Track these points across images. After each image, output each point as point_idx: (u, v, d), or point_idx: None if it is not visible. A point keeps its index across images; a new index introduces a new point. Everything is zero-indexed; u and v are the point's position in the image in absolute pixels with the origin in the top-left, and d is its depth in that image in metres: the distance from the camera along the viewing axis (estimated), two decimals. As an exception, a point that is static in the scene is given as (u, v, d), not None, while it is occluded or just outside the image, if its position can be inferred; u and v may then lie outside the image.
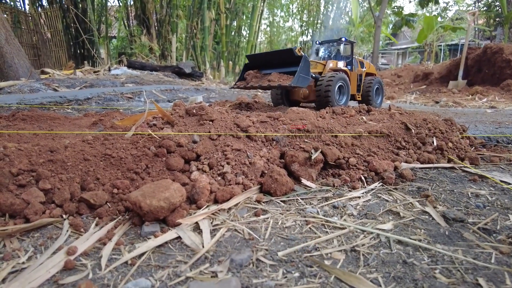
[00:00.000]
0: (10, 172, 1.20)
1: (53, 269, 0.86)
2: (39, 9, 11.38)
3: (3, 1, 10.38)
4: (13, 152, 1.28)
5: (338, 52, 4.31)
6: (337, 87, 3.45)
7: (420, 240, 1.02)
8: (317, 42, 4.50)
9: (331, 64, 3.80)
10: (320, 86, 3.35)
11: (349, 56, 4.13)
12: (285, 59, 3.33)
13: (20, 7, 11.21)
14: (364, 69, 4.26)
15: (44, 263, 0.87)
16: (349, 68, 3.99)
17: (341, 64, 3.88)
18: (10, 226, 1.04)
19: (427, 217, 1.19)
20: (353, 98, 4.07)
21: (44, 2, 11.35)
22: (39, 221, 1.07)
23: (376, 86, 4.24)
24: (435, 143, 1.82)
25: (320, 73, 3.68)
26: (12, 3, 10.94)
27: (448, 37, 17.01)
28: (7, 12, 9.90)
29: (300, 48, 3.55)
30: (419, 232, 1.08)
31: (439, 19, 14.66)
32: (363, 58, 4.51)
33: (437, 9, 19.86)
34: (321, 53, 4.49)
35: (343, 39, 4.08)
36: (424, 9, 14.62)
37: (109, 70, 9.13)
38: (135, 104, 5.21)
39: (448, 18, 18.49)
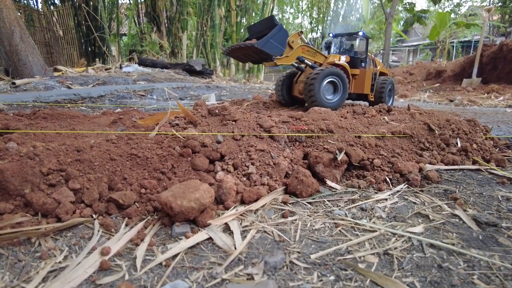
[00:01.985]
0: (41, 172, 1.21)
1: (89, 269, 0.87)
2: (52, 7, 11.50)
3: (17, -1, 10.50)
4: (42, 152, 1.29)
5: (352, 47, 3.99)
6: (325, 83, 3.12)
7: (453, 244, 1.01)
8: (331, 35, 4.16)
9: (332, 57, 3.53)
10: (307, 80, 3.13)
11: (363, 52, 3.85)
12: (272, 28, 3.12)
13: (33, 5, 11.35)
14: (378, 67, 4.05)
15: (81, 263, 0.88)
16: (363, 66, 3.76)
17: (343, 59, 3.59)
18: (44, 225, 1.06)
19: (457, 220, 1.17)
20: (365, 98, 3.87)
21: (57, 0, 11.47)
22: (71, 221, 1.08)
23: (389, 87, 4.04)
24: (459, 144, 1.79)
25: (320, 64, 3.45)
26: (25, 2, 11.08)
27: (460, 34, 16.72)
28: (21, 11, 10.03)
29: (301, 32, 3.37)
30: (451, 236, 1.07)
31: (452, 15, 14.43)
32: (374, 56, 4.25)
33: (450, 5, 19.56)
34: (332, 48, 4.12)
35: (361, 33, 3.79)
36: (437, 5, 14.39)
37: (121, 67, 9.19)
38: (148, 101, 5.25)
39: (461, 14, 18.17)
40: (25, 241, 0.99)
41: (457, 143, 1.81)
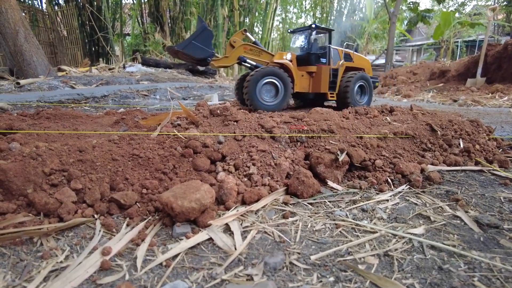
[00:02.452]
0: (43, 172, 1.22)
1: (90, 269, 0.88)
2: (56, 7, 11.56)
3: (22, 0, 10.57)
4: (44, 152, 1.30)
5: (315, 41, 3.68)
6: (262, 84, 2.93)
7: (454, 246, 1.00)
8: (289, 31, 3.99)
9: (278, 55, 3.31)
10: (245, 82, 2.96)
11: (325, 47, 3.53)
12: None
13: (37, 6, 11.42)
14: (346, 62, 3.62)
15: (82, 263, 0.89)
16: (323, 62, 3.43)
17: (288, 57, 3.35)
18: (46, 225, 1.07)
19: (458, 221, 1.17)
20: (325, 97, 3.47)
21: (61, 1, 11.53)
22: (73, 221, 1.09)
23: (359, 83, 3.55)
24: (461, 145, 1.78)
25: (267, 64, 3.24)
26: (30, 2, 11.15)
27: (465, 33, 16.59)
28: (25, 11, 10.10)
29: (245, 30, 3.22)
30: (452, 237, 1.06)
31: (456, 14, 14.34)
32: (347, 49, 3.88)
33: (454, 4, 19.42)
34: (297, 44, 3.91)
35: (313, 25, 3.52)
36: (441, 5, 14.29)
37: (124, 67, 9.23)
38: (151, 101, 5.26)
39: (466, 14, 18.04)
40: (27, 240, 1.00)
41: (459, 144, 1.80)
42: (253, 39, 3.34)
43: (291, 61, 3.35)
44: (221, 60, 3.07)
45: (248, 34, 3.23)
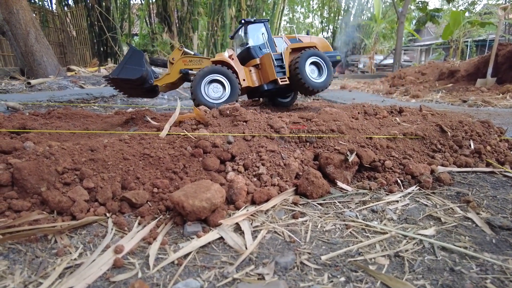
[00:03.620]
0: (56, 170, 1.24)
1: (104, 266, 0.89)
2: (66, 8, 11.70)
3: (33, 1, 10.72)
4: (57, 151, 1.33)
5: (256, 36, 3.62)
6: (207, 82, 2.92)
7: (466, 248, 1.00)
8: (230, 37, 3.98)
9: (217, 56, 3.29)
10: (190, 87, 2.96)
11: (268, 39, 3.47)
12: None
13: (48, 7, 11.57)
14: (292, 44, 3.50)
15: (95, 261, 0.90)
16: (265, 52, 3.38)
17: (225, 54, 3.31)
18: (59, 223, 1.09)
19: (470, 223, 1.16)
20: (277, 83, 3.31)
21: (70, 1, 11.66)
22: (86, 219, 1.11)
23: (312, 60, 3.31)
24: (472, 146, 1.77)
25: None
26: (40, 3, 11.30)
27: (475, 33, 16.38)
28: (36, 12, 10.23)
29: (181, 45, 3.19)
30: (463, 239, 1.06)
31: (466, 14, 14.16)
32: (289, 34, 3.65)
33: (464, 3, 19.20)
34: (238, 42, 3.88)
35: (243, 21, 3.49)
36: (450, 4, 14.14)
37: (132, 67, 9.28)
38: (159, 101, 5.31)
39: (476, 13, 17.82)
40: (41, 238, 1.02)
41: (470, 145, 1.78)
42: (193, 52, 3.30)
43: (230, 57, 3.31)
44: (164, 78, 3.04)
45: (185, 49, 3.18)
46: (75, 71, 7.91)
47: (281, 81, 3.27)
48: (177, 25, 11.49)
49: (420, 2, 13.22)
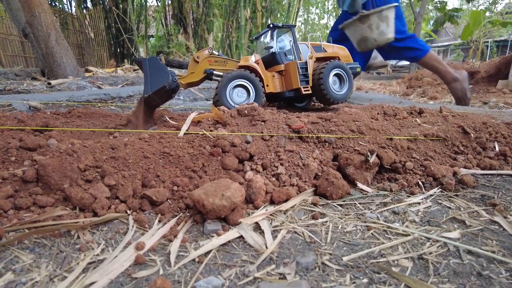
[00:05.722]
0: (78, 168, 1.27)
1: (125, 262, 0.90)
2: (84, 10, 11.99)
3: (53, 4, 11.01)
4: (79, 149, 1.35)
5: (282, 41, 3.58)
6: (233, 87, 2.89)
7: (494, 252, 0.96)
8: (254, 37, 3.88)
9: (243, 60, 3.22)
10: (216, 89, 2.90)
11: (294, 45, 3.39)
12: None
13: (67, 9, 11.87)
14: (317, 53, 3.45)
15: (117, 257, 0.91)
16: (291, 59, 3.33)
17: (252, 59, 3.26)
18: (81, 218, 1.11)
19: (497, 227, 1.12)
20: (300, 92, 3.29)
21: (89, 4, 11.94)
22: (107, 216, 1.12)
23: (335, 72, 3.32)
24: (497, 148, 1.71)
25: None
26: (60, 6, 11.60)
27: (496, 33, 15.93)
28: (56, 14, 10.52)
29: (211, 48, 3.15)
30: (490, 243, 1.02)
31: (487, 13, 13.79)
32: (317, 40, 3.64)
33: (484, 2, 18.71)
34: (262, 46, 3.81)
35: (271, 25, 3.41)
36: (470, 3, 13.80)
37: (148, 68, 9.41)
38: (175, 102, 5.36)
39: (497, 12, 17.35)
40: (65, 233, 1.04)
41: (494, 147, 1.73)
42: (217, 53, 3.29)
43: (256, 62, 3.27)
44: (187, 77, 3.04)
45: (214, 51, 3.16)
46: (92, 72, 8.07)
47: (304, 90, 3.26)
48: (193, 26, 11.61)
49: (438, 2, 12.95)
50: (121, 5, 11.20)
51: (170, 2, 11.86)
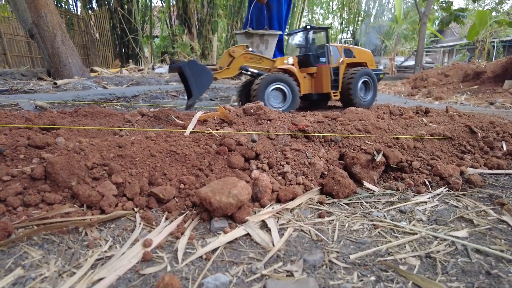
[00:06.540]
0: (86, 166, 1.28)
1: (133, 259, 0.90)
2: (90, 11, 12.07)
3: (59, 4, 11.10)
4: (87, 147, 1.36)
5: (314, 42, 3.65)
6: (270, 91, 2.90)
7: (502, 251, 0.96)
8: (286, 34, 3.95)
9: (279, 61, 3.27)
10: (251, 91, 2.93)
11: (323, 46, 3.45)
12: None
13: (73, 10, 11.96)
14: (347, 58, 3.52)
15: (125, 254, 0.92)
16: (322, 61, 3.37)
17: (290, 61, 3.30)
18: (89, 216, 1.11)
19: (505, 226, 1.11)
20: (328, 97, 3.42)
21: (94, 5, 12.02)
22: (114, 213, 1.13)
23: (363, 79, 3.42)
24: (505, 148, 1.70)
25: (269, 70, 3.21)
26: (66, 7, 11.69)
27: (502, 33, 15.78)
28: (62, 15, 10.59)
29: (247, 46, 3.19)
30: (499, 242, 1.02)
31: (493, 13, 13.68)
32: (345, 44, 3.78)
33: (491, 2, 18.55)
34: (294, 44, 3.87)
35: (308, 26, 3.46)
36: (476, 3, 13.69)
37: (153, 68, 9.49)
38: (180, 102, 5.37)
39: (504, 12, 17.19)
40: (73, 230, 1.05)
41: (502, 147, 1.72)
42: (251, 49, 3.31)
43: (293, 65, 3.31)
44: (223, 72, 3.06)
45: (249, 49, 3.18)
46: (98, 72, 8.12)
47: (334, 96, 3.33)
48: (197, 27, 11.64)
49: (444, 2, 12.88)
50: (126, 6, 11.26)
51: (174, 2, 11.90)
